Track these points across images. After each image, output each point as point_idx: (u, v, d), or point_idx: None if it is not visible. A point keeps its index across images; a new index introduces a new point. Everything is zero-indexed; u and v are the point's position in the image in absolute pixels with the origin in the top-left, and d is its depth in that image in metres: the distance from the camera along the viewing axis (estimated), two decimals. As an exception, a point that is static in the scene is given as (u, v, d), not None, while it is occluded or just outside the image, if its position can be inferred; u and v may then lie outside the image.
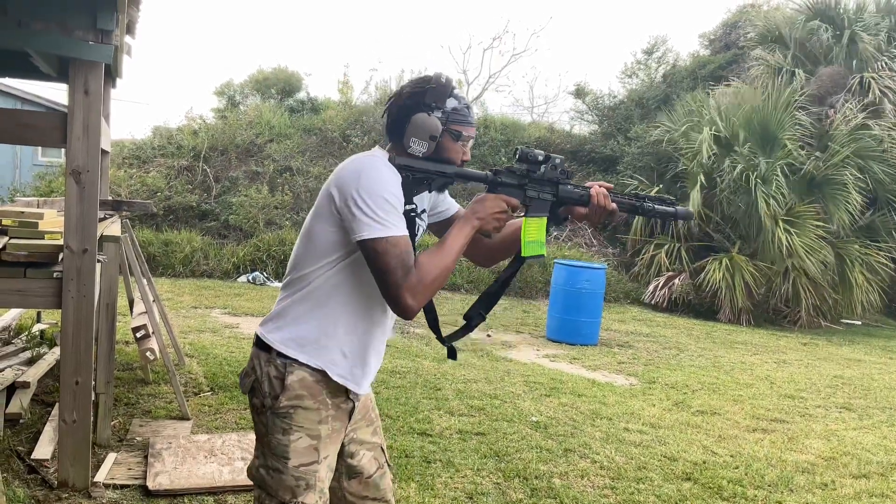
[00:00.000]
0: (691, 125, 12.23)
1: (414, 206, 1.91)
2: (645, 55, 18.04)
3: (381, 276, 1.81)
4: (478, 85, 17.09)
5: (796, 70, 12.73)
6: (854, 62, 12.50)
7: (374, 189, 1.81)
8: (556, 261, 9.24)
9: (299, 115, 14.75)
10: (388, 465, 2.18)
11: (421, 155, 1.92)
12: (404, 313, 1.84)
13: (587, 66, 32.96)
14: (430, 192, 1.98)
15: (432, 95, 1.92)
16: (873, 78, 11.88)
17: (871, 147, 11.37)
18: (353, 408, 2.01)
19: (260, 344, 1.97)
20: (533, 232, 2.02)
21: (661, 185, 12.56)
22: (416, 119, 1.90)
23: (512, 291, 11.09)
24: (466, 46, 28.51)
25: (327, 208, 1.88)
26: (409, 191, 1.90)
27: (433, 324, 2.12)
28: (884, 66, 12.06)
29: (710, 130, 11.65)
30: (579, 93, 17.51)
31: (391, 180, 1.85)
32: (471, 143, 2.01)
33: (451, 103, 1.94)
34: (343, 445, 2.04)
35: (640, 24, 33.36)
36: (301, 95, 15.87)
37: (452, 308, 9.64)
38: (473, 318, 2.12)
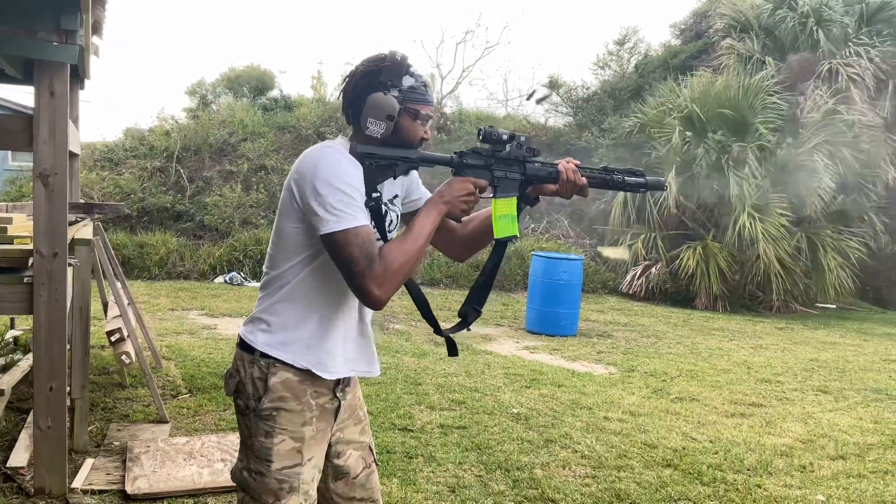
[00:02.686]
0: (664, 112, 12.31)
1: (379, 195, 1.87)
2: (617, 46, 18.10)
3: (344, 267, 1.77)
4: (452, 79, 17.08)
5: (766, 58, 12.85)
6: (825, 48, 12.63)
7: (330, 180, 1.76)
8: (533, 253, 9.28)
9: (272, 113, 14.65)
10: (376, 464, 2.16)
11: (379, 136, 1.87)
12: (372, 304, 1.80)
13: (560, 58, 33.06)
14: (394, 178, 1.93)
15: (387, 73, 1.86)
16: (842, 64, 12.02)
17: (841, 133, 11.51)
18: (339, 407, 1.99)
19: (243, 345, 1.94)
20: (503, 212, 1.99)
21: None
22: (372, 99, 1.85)
23: (490, 285, 11.10)
24: (439, 41, 28.48)
25: (289, 204, 1.85)
26: (373, 178, 1.86)
27: (428, 316, 2.09)
28: (851, 52, 12.20)
29: (682, 114, 11.74)
30: (553, 85, 17.55)
31: (349, 170, 1.80)
32: (430, 122, 1.96)
33: (407, 81, 1.89)
34: (329, 445, 2.01)
35: (611, 14, 33.47)
36: (274, 93, 15.75)
37: (432, 303, 9.62)
38: (469, 315, 2.08)
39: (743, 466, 4.26)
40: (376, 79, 1.87)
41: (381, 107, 1.85)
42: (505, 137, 1.98)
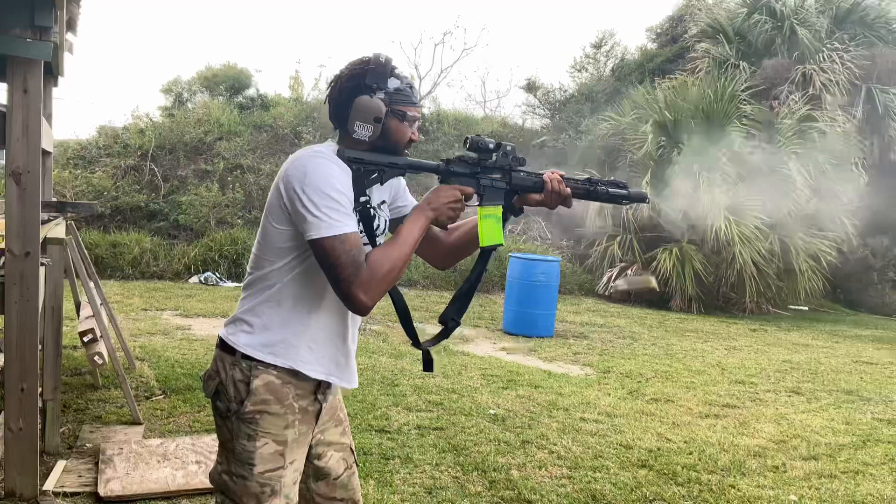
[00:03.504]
0: (639, 116, 12.41)
1: (368, 199, 1.87)
2: (594, 49, 18.25)
3: (331, 273, 1.77)
4: (430, 80, 17.07)
5: (741, 62, 13.01)
6: (799, 53, 12.80)
7: (320, 186, 1.76)
8: (511, 254, 9.30)
9: (249, 112, 14.54)
10: (356, 465, 2.16)
11: (367, 139, 1.87)
12: (358, 309, 1.80)
13: (538, 60, 33.18)
14: (381, 183, 1.93)
15: (372, 76, 1.87)
16: (815, 70, 12.19)
17: (813, 137, 11.67)
18: (321, 409, 1.98)
19: (224, 346, 1.92)
20: (489, 220, 2.00)
21: (612, 178, 12.70)
22: (359, 102, 1.85)
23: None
24: (417, 41, 28.45)
25: (277, 206, 1.84)
26: (361, 183, 1.86)
27: (408, 327, 2.07)
28: (824, 58, 12.38)
29: (657, 118, 11.84)
30: (530, 87, 17.64)
31: (337, 175, 1.80)
32: (417, 123, 1.97)
33: (392, 83, 1.89)
34: (310, 447, 2.00)
35: (588, 18, 33.65)
36: (251, 92, 15.63)
37: (409, 304, 9.58)
38: (448, 325, 2.08)
39: (717, 467, 4.30)
40: (362, 82, 1.87)
41: (367, 110, 1.86)
42: (491, 146, 1.99)
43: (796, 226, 11.69)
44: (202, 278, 10.55)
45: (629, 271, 11.57)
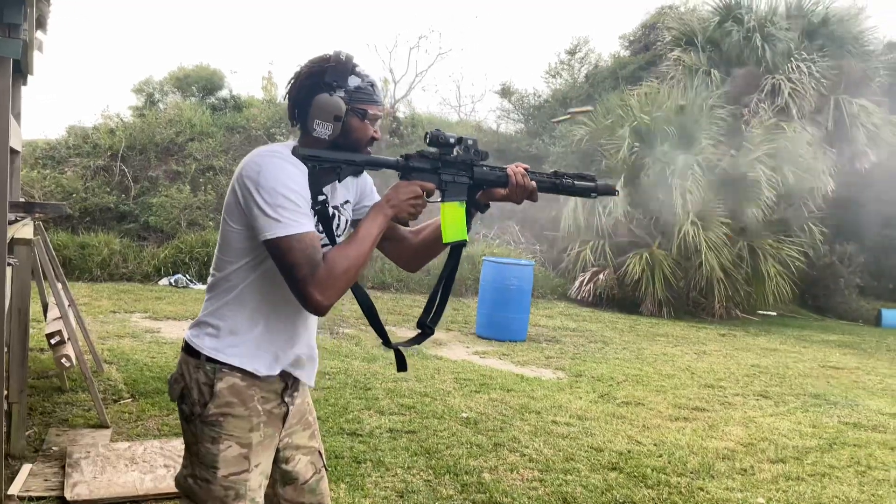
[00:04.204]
0: (614, 122, 12.51)
1: (325, 198, 1.85)
2: (568, 55, 18.39)
3: (287, 273, 1.75)
4: (405, 83, 17.06)
5: (712, 70, 13.17)
6: (769, 62, 13.00)
7: (273, 186, 1.74)
8: (484, 258, 9.33)
9: (222, 113, 14.43)
10: (325, 469, 2.13)
11: (327, 137, 1.85)
12: (314, 309, 1.77)
13: (512, 65, 33.34)
14: (339, 181, 1.90)
15: (332, 74, 1.84)
16: (784, 79, 12.38)
17: (782, 146, 11.85)
18: (287, 412, 1.96)
19: (188, 349, 1.90)
20: (452, 216, 1.96)
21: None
22: (318, 100, 1.83)
23: (441, 289, 11.11)
24: (393, 45, 28.43)
25: (233, 206, 1.82)
26: (318, 182, 1.83)
27: (377, 326, 2.04)
28: (794, 68, 12.58)
29: (631, 126, 11.95)
30: (505, 92, 17.72)
31: (292, 175, 1.77)
32: (379, 121, 1.94)
33: (353, 81, 1.86)
34: (278, 451, 1.98)
35: (563, 24, 33.87)
36: (223, 93, 15.52)
37: (382, 307, 9.61)
38: (424, 331, 2.07)
39: (686, 469, 4.34)
40: (321, 80, 1.85)
41: (327, 108, 1.83)
42: (452, 141, 1.96)
43: (765, 231, 11.87)
44: (172, 280, 10.44)
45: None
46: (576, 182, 2.12)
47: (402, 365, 2.09)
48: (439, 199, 1.96)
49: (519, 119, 17.36)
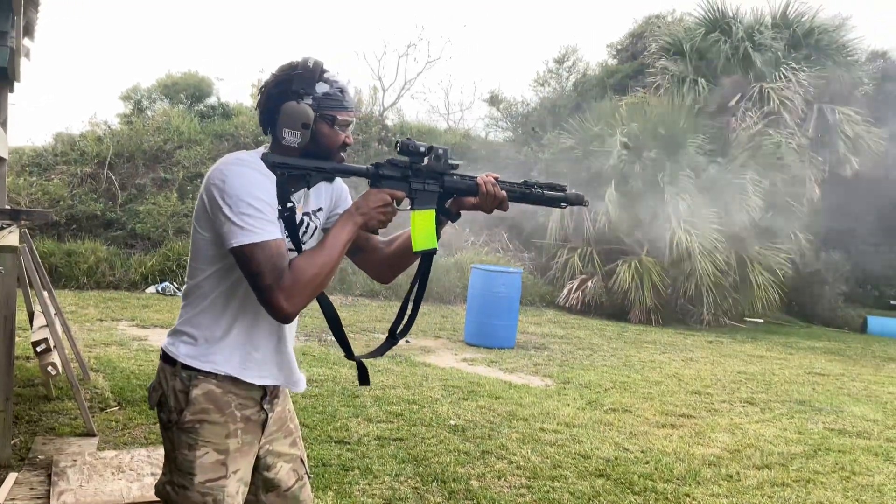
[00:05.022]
0: (604, 130, 12.57)
1: (293, 205, 1.85)
2: (556, 64, 18.48)
3: (252, 280, 1.75)
4: (393, 91, 17.08)
5: (699, 79, 13.28)
6: (755, 71, 13.11)
7: (238, 194, 1.74)
8: (473, 266, 9.34)
9: (210, 120, 14.40)
10: (308, 476, 2.13)
11: (297, 145, 1.85)
12: (279, 317, 1.77)
13: (501, 74, 33.45)
14: (308, 188, 1.91)
15: (299, 82, 1.85)
16: (772, 88, 12.49)
17: (768, 153, 11.95)
18: (266, 419, 1.96)
19: (165, 357, 1.91)
20: (421, 224, 1.96)
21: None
22: (285, 108, 1.84)
23: (430, 297, 11.13)
24: (381, 53, 28.45)
25: (202, 213, 1.82)
26: (285, 189, 1.83)
27: (339, 336, 2.05)
28: (782, 76, 12.69)
29: (622, 136, 12.01)
30: (493, 100, 17.78)
31: (257, 182, 1.78)
32: (350, 127, 1.94)
33: (321, 88, 1.87)
34: (259, 458, 1.98)
35: (551, 33, 34.07)
36: (212, 100, 15.49)
37: (371, 315, 9.61)
38: (394, 339, 2.08)
39: (672, 476, 4.36)
40: (289, 87, 1.86)
41: (294, 116, 1.84)
42: (423, 150, 1.96)
43: (752, 239, 11.95)
44: (159, 288, 10.40)
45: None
46: (546, 192, 2.13)
47: (364, 378, 2.11)
48: (409, 208, 1.96)
49: (507, 127, 17.42)
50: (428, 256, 2.02)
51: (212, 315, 1.88)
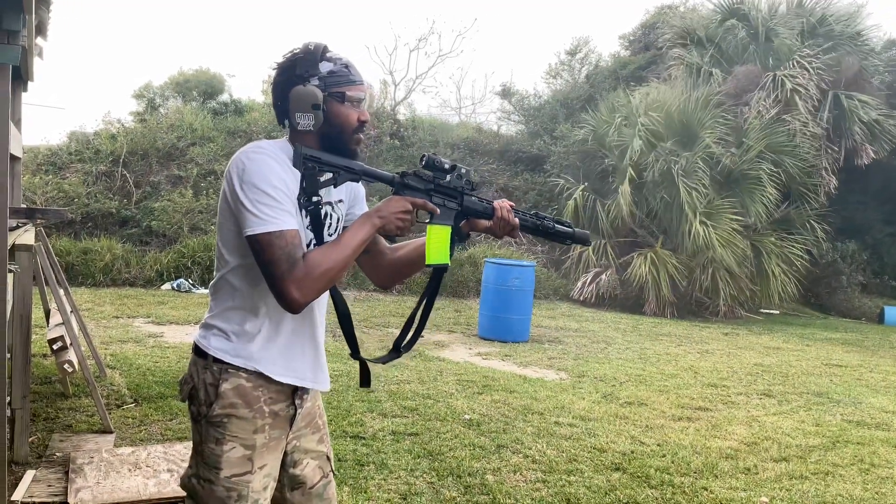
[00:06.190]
0: (623, 122, 12.48)
1: (320, 198, 1.86)
2: (568, 56, 18.37)
3: (265, 269, 1.76)
4: (405, 86, 17.04)
5: (713, 69, 13.16)
6: (770, 60, 12.98)
7: (255, 182, 1.76)
8: (486, 259, 9.33)
9: (223, 117, 14.44)
10: (333, 473, 2.13)
11: (312, 128, 1.85)
12: (289, 306, 1.77)
13: (512, 66, 33.34)
14: (335, 186, 1.91)
15: (302, 65, 1.85)
16: (786, 76, 12.36)
17: (783, 143, 11.83)
18: (295, 414, 1.96)
19: (197, 350, 1.91)
20: (437, 239, 1.98)
21: (586, 183, 12.75)
22: (293, 93, 1.84)
23: (444, 291, 11.13)
24: (392, 47, 28.38)
25: (224, 204, 1.84)
26: (315, 182, 1.84)
27: (349, 334, 2.06)
28: (795, 63, 12.55)
29: (641, 127, 11.92)
30: (505, 93, 17.72)
31: (275, 171, 1.79)
32: (364, 103, 1.93)
33: (325, 67, 1.86)
34: (286, 454, 1.98)
35: (563, 24, 33.89)
36: (224, 97, 15.53)
37: (385, 310, 9.61)
38: (399, 352, 2.08)
39: (689, 469, 4.34)
40: (293, 72, 1.86)
41: (303, 98, 1.84)
42: (447, 167, 1.98)
43: (768, 229, 11.85)
44: (175, 285, 10.46)
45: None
46: (556, 226, 2.16)
47: (365, 380, 2.13)
48: (427, 220, 1.97)
49: (520, 120, 17.34)
50: (438, 272, 2.03)
51: (242, 310, 1.88)
